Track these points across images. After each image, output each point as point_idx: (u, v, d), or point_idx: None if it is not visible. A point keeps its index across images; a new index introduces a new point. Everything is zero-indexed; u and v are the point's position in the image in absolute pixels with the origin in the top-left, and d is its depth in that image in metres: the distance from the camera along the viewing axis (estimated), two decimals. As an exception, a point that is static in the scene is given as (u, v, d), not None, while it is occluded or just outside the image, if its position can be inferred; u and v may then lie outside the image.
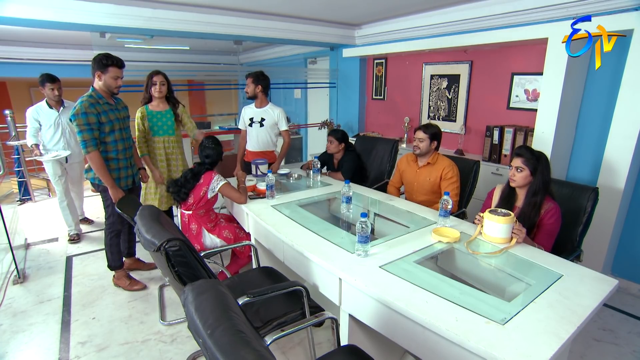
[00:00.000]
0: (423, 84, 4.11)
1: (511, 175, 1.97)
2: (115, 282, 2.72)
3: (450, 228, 1.93)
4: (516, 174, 1.95)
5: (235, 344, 0.77)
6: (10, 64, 5.70)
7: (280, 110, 3.19)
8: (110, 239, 2.60)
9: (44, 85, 3.19)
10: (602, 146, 2.60)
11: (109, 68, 2.30)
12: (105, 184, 2.39)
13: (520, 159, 1.93)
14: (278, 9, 3.59)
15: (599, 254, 2.60)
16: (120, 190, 2.43)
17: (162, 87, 2.76)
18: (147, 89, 2.77)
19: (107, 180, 2.37)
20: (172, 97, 2.88)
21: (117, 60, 2.34)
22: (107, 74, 2.31)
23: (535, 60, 3.04)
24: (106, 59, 2.30)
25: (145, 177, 2.79)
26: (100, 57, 2.30)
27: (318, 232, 1.92)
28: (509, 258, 1.68)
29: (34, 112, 3.25)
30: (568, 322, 1.20)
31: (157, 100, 2.80)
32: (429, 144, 2.53)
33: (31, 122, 3.26)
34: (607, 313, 2.43)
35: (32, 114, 3.25)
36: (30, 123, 3.26)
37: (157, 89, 2.74)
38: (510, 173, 1.98)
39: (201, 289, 0.93)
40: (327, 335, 2.16)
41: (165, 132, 2.83)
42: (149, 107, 2.79)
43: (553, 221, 1.87)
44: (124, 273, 2.73)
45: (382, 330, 1.46)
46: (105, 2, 2.99)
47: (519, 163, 1.93)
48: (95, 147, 2.29)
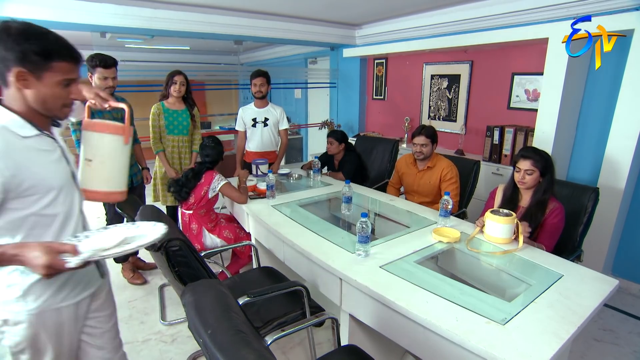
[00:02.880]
0: (423, 84, 4.11)
1: (520, 178, 1.92)
2: (122, 272, 2.83)
3: (451, 228, 1.93)
4: (526, 177, 1.90)
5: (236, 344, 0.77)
6: (10, 64, 5.70)
7: (281, 109, 3.19)
8: None
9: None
10: (602, 146, 2.60)
11: (96, 69, 2.28)
12: None
13: (529, 162, 1.89)
14: (278, 9, 3.59)
15: (599, 254, 2.60)
16: None
17: (182, 87, 2.79)
18: (167, 86, 2.80)
19: None
20: (189, 98, 2.91)
21: (104, 60, 2.29)
22: (95, 74, 2.30)
23: (536, 60, 3.04)
24: (92, 59, 2.28)
25: (148, 178, 2.79)
26: (88, 58, 2.28)
27: (318, 232, 1.92)
28: (509, 258, 1.68)
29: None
30: (568, 322, 1.20)
31: (174, 99, 2.82)
32: (431, 147, 2.53)
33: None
34: (608, 313, 2.43)
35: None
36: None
37: (177, 89, 2.77)
38: (519, 176, 1.93)
39: (201, 289, 0.93)
40: (328, 335, 2.16)
41: (180, 131, 2.85)
42: (165, 104, 2.81)
43: (557, 221, 1.87)
44: (129, 266, 2.81)
45: (382, 330, 1.46)
46: (106, 2, 2.99)
47: (528, 166, 1.89)
48: None
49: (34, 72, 0.94)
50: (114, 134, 1.21)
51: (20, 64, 0.92)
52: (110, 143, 1.21)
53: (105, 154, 1.21)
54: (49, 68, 0.95)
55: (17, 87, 0.95)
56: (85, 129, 1.22)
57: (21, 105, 0.98)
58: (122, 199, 1.33)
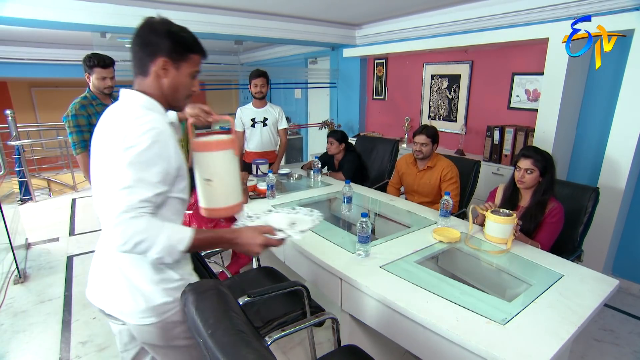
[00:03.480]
0: (423, 84, 4.11)
1: (520, 177, 1.93)
2: None
3: (451, 228, 1.93)
4: (526, 176, 1.91)
5: (236, 344, 0.77)
6: (10, 64, 5.70)
7: (280, 108, 3.19)
8: None
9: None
10: (602, 146, 2.60)
11: (93, 69, 2.27)
12: None
13: (529, 161, 1.89)
14: (278, 9, 3.59)
15: (599, 254, 2.60)
16: None
17: None
18: None
19: None
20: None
21: (102, 59, 2.28)
22: (92, 74, 2.29)
23: (536, 60, 3.04)
24: (89, 59, 2.27)
25: None
26: (85, 58, 2.28)
27: (318, 232, 1.92)
28: (509, 258, 1.68)
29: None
30: (569, 322, 1.20)
31: None
32: (431, 147, 2.53)
33: None
34: (608, 313, 2.43)
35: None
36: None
37: None
38: (519, 175, 1.93)
39: (201, 289, 0.93)
40: (328, 335, 2.16)
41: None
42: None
43: (555, 221, 1.87)
44: None
45: (382, 330, 1.46)
46: (106, 2, 2.99)
47: (528, 165, 1.89)
48: (83, 149, 2.28)
49: (175, 62, 1.03)
50: (227, 150, 1.18)
51: (167, 54, 1.01)
52: (225, 159, 1.18)
53: (224, 171, 1.19)
54: (187, 59, 1.04)
55: (156, 75, 1.02)
56: (198, 150, 1.16)
57: (156, 93, 1.05)
58: (242, 209, 1.29)
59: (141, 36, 1.01)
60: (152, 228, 0.91)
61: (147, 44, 1.01)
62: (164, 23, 1.02)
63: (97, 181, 1.03)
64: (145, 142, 0.93)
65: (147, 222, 0.91)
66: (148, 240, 0.90)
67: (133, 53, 1.03)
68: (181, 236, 0.95)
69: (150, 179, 0.93)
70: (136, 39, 1.01)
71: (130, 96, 1.03)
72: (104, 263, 1.10)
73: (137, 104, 1.02)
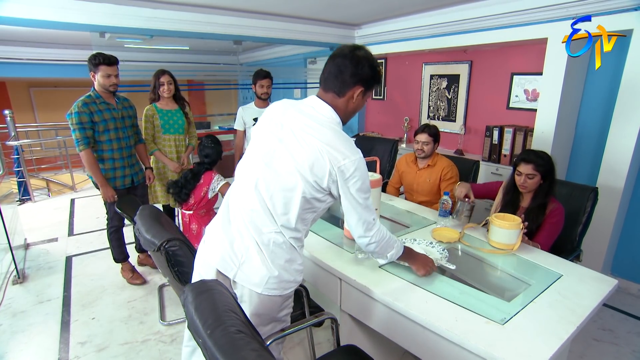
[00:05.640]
0: (423, 84, 4.11)
1: (522, 182, 1.90)
2: (122, 273, 2.84)
3: (450, 228, 1.93)
4: (528, 181, 1.88)
5: (235, 344, 0.77)
6: (10, 64, 5.69)
7: None
8: (110, 234, 2.67)
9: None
10: (601, 146, 2.60)
11: (99, 67, 2.32)
12: (96, 182, 2.43)
13: (530, 166, 1.86)
14: (278, 9, 3.59)
15: (598, 253, 2.61)
16: (110, 189, 2.46)
17: (170, 86, 2.77)
18: (155, 89, 2.77)
19: (98, 178, 2.41)
20: (180, 97, 2.89)
21: (107, 58, 2.33)
22: (98, 72, 2.33)
23: (535, 60, 3.05)
24: (95, 58, 2.32)
25: (150, 178, 2.79)
26: (90, 57, 2.33)
27: (318, 232, 1.92)
28: (508, 258, 1.68)
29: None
30: (568, 322, 1.21)
31: (166, 100, 2.81)
32: (433, 146, 2.53)
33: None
34: (607, 313, 2.43)
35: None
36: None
37: (166, 89, 2.74)
38: (520, 180, 1.90)
39: (201, 289, 0.93)
40: (327, 335, 2.16)
41: (176, 130, 2.84)
42: (157, 105, 2.79)
43: (555, 221, 1.87)
44: (129, 266, 2.82)
45: (381, 330, 1.46)
46: (105, 2, 2.98)
47: (530, 170, 1.86)
48: (86, 145, 2.34)
49: (365, 92, 1.26)
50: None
51: (364, 85, 1.23)
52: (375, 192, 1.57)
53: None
54: (368, 89, 1.27)
55: (349, 98, 1.24)
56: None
57: (342, 111, 1.26)
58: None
59: (355, 65, 1.19)
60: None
61: (355, 74, 1.19)
62: (368, 58, 1.22)
63: (271, 158, 1.21)
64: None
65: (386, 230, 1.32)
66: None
67: (338, 72, 1.21)
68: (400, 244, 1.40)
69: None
70: (349, 64, 1.19)
71: (326, 110, 1.23)
72: (242, 237, 1.22)
73: (336, 121, 1.22)
